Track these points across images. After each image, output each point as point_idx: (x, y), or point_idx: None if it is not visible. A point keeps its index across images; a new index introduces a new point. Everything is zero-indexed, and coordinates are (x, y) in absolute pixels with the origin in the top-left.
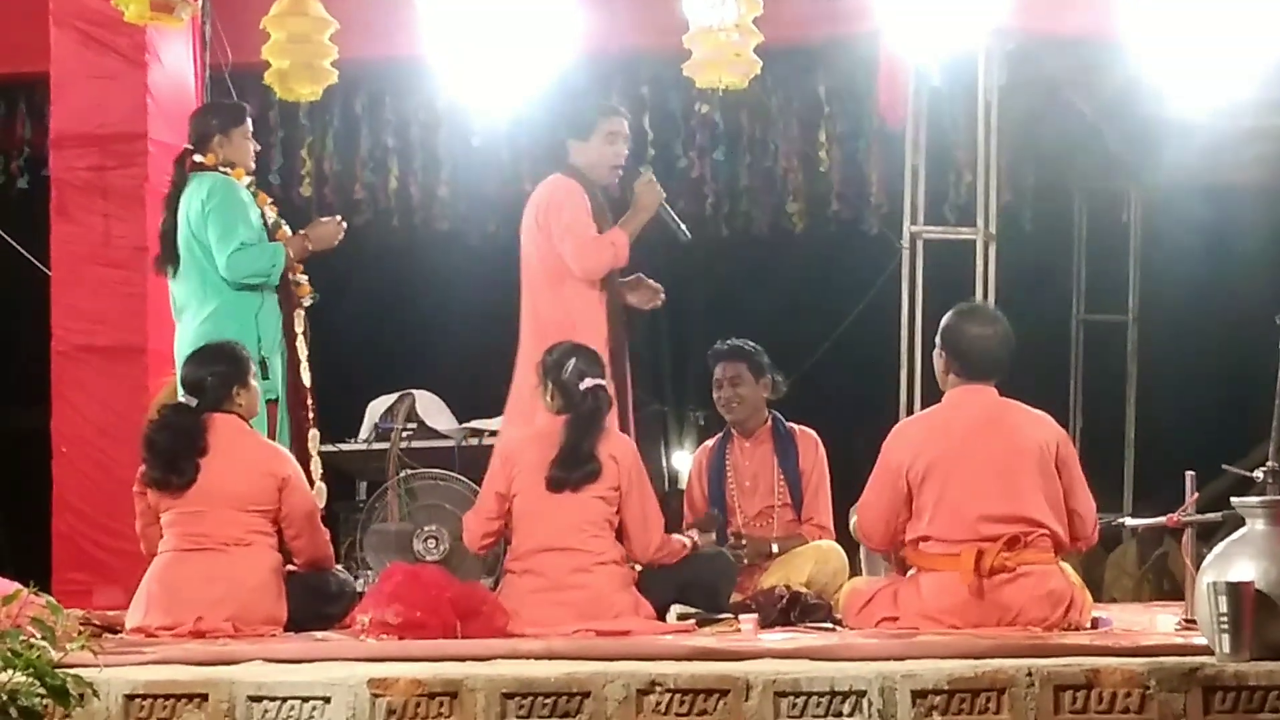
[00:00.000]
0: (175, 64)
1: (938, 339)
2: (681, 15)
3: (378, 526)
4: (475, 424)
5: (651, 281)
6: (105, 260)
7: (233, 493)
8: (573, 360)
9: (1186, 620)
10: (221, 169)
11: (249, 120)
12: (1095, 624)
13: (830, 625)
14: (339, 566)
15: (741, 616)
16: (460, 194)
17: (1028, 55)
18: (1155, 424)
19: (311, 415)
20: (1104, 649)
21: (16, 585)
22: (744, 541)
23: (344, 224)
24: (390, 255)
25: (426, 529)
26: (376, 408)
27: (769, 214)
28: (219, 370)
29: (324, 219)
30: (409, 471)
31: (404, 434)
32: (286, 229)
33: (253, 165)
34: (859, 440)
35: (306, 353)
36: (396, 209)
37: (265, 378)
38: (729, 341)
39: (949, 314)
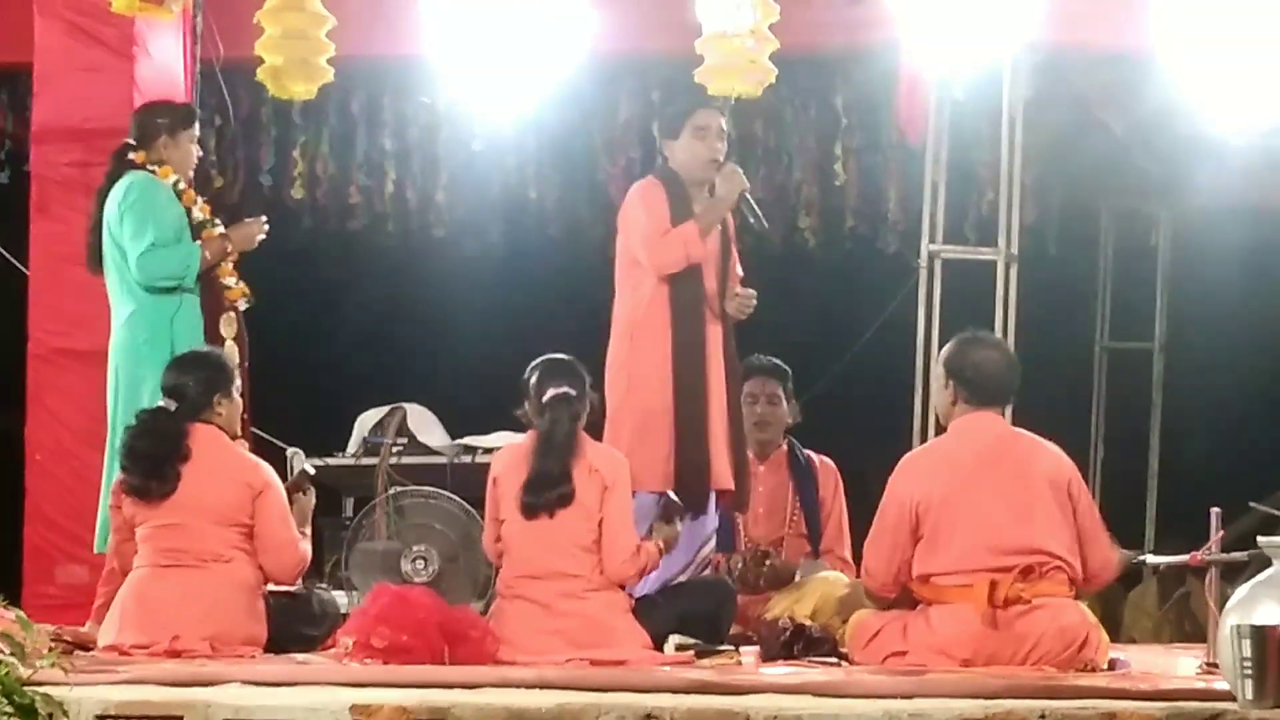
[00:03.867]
0: (164, 58)
1: (940, 369)
2: (694, 19)
3: (364, 545)
4: (469, 440)
5: (741, 290)
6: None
7: (212, 506)
8: (537, 372)
9: (1208, 664)
10: (149, 168)
11: (197, 124)
12: (1113, 665)
13: (835, 660)
14: (322, 585)
15: (743, 649)
16: (460, 200)
17: (1056, 69)
18: (1180, 457)
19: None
20: (1121, 691)
21: None
22: (769, 562)
23: (267, 224)
24: (385, 262)
25: (415, 549)
26: (366, 421)
27: (782, 229)
28: (201, 376)
29: (248, 220)
30: (398, 488)
31: (394, 449)
32: (219, 229)
33: (191, 169)
34: (871, 466)
35: (238, 359)
36: (392, 214)
37: None
38: (768, 357)
39: (949, 344)
